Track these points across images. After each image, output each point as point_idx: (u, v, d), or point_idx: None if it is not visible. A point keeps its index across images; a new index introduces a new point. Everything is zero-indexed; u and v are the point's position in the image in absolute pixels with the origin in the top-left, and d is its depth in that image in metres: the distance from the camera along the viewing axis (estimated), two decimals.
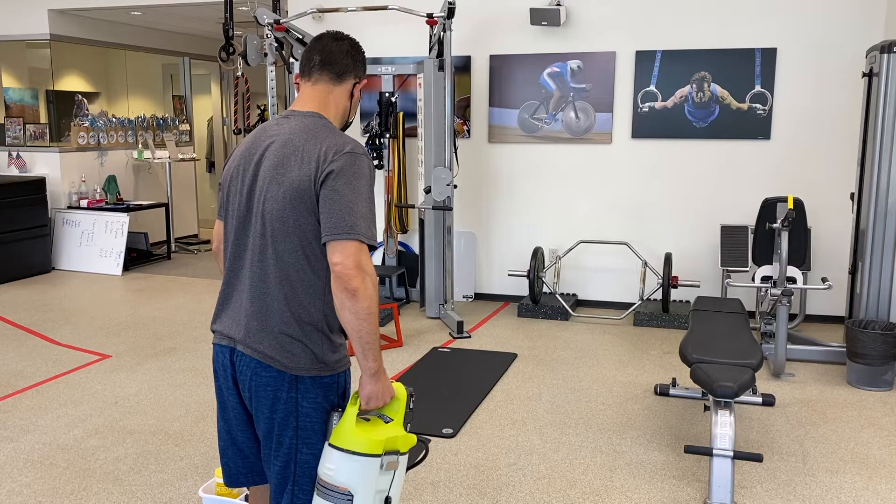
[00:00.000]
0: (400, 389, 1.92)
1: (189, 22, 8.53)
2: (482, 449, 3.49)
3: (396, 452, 1.86)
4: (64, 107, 7.99)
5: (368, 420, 1.89)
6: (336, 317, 1.87)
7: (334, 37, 2.00)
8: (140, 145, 8.53)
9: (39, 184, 7.40)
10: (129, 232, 7.51)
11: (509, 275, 5.91)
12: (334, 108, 1.96)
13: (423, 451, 2.07)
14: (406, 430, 1.92)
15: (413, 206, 6.05)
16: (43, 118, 7.92)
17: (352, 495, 1.80)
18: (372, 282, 1.76)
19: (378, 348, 1.81)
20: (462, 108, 6.21)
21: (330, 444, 1.85)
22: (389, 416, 1.90)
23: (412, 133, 6.21)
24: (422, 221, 5.83)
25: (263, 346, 1.85)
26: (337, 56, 1.96)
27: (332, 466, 1.82)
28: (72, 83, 8.13)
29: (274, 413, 1.87)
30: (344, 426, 1.84)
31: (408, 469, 2.01)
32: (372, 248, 1.80)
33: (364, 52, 2.05)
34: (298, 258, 1.83)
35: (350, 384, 1.96)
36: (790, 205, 4.47)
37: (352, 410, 1.85)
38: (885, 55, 4.37)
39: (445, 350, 4.98)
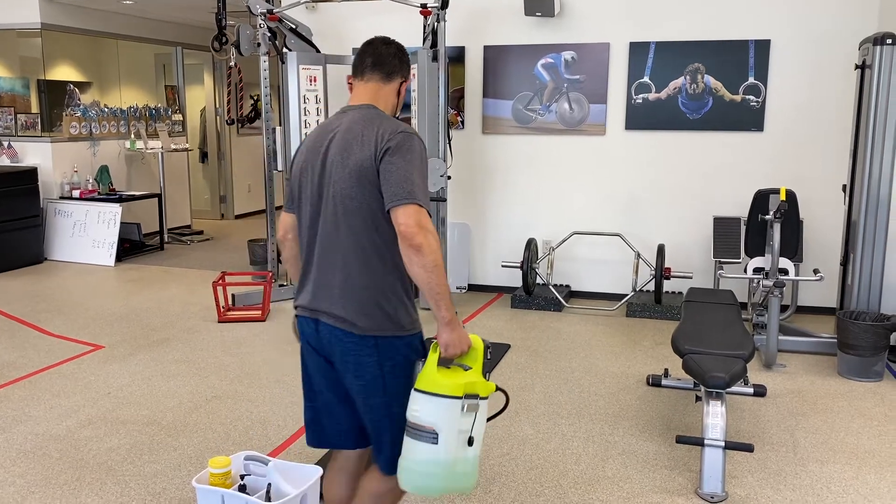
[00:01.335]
0: (477, 341, 2.09)
1: (181, 11, 8.48)
2: None
3: (476, 396, 2.02)
4: (55, 96, 7.94)
5: (449, 368, 2.06)
6: (407, 281, 2.08)
7: (383, 41, 2.22)
8: (132, 135, 8.49)
9: (31, 174, 7.36)
10: (121, 222, 7.48)
11: (503, 266, 5.92)
12: (384, 103, 2.19)
13: (505, 401, 2.29)
14: (485, 378, 2.08)
15: None
16: (34, 108, 7.87)
17: (436, 433, 1.99)
18: (434, 239, 1.96)
19: (449, 299, 2.00)
20: (456, 99, 6.20)
21: (415, 389, 2.04)
22: (468, 364, 2.07)
23: None
24: None
25: (345, 312, 2.05)
26: (386, 58, 2.19)
27: (418, 408, 2.01)
28: (63, 73, 8.08)
29: (359, 377, 2.07)
30: (426, 372, 2.03)
31: (492, 417, 2.23)
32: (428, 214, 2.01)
33: (408, 54, 2.26)
34: (368, 229, 2.04)
35: (423, 343, 2.15)
36: (783, 196, 4.48)
37: (433, 357, 2.04)
38: (878, 47, 4.37)
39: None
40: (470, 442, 2.04)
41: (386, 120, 2.09)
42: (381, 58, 2.18)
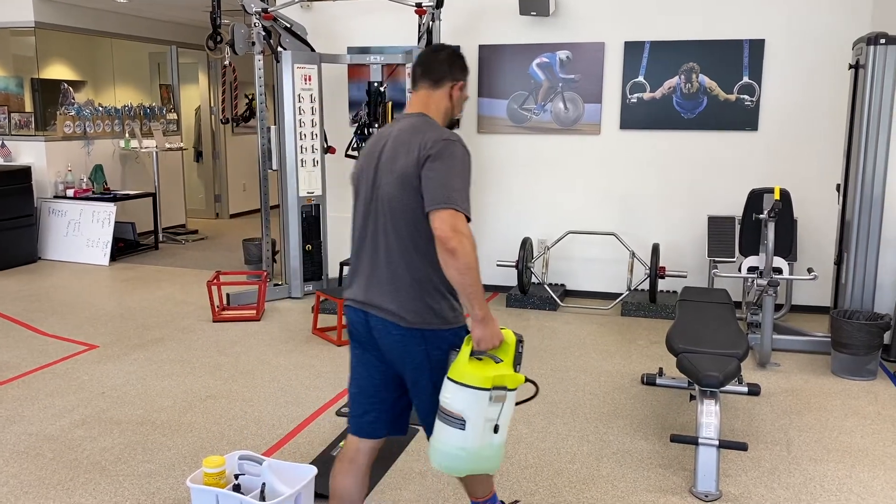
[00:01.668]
0: (509, 335, 2.21)
1: (176, 10, 8.46)
2: None
3: (504, 388, 2.14)
4: (49, 95, 7.92)
5: (481, 360, 2.17)
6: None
7: (434, 49, 2.36)
8: (127, 134, 8.47)
9: (25, 173, 7.34)
10: (116, 222, 7.47)
11: (498, 265, 5.92)
12: (435, 109, 2.31)
13: (535, 390, 2.47)
14: (516, 370, 2.19)
15: None
16: (28, 107, 7.85)
17: (464, 420, 2.13)
18: (469, 241, 2.07)
19: (482, 298, 2.11)
20: None
21: (447, 378, 2.17)
22: (500, 357, 2.18)
23: None
24: None
25: (394, 306, 2.21)
26: (434, 65, 2.31)
27: (449, 396, 2.15)
28: (57, 71, 8.06)
29: (406, 364, 2.24)
30: (459, 363, 2.16)
31: (520, 403, 2.36)
32: (468, 219, 2.11)
33: (463, 58, 2.37)
34: (412, 231, 2.18)
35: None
36: (777, 196, 4.49)
37: (465, 350, 2.16)
38: (872, 47, 4.39)
39: None
40: (496, 430, 2.18)
41: (431, 128, 2.21)
42: (428, 66, 2.31)
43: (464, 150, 2.17)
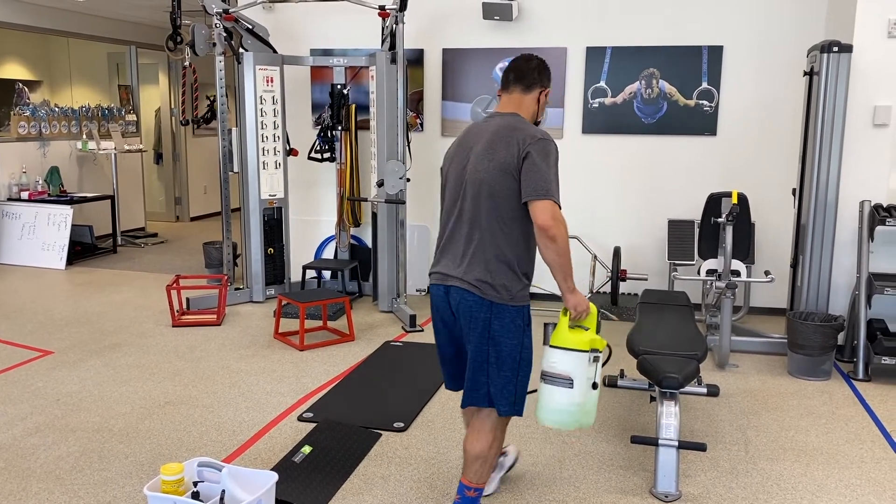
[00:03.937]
0: (592, 307, 2.57)
1: (135, 9, 8.33)
2: (433, 442, 3.50)
3: (597, 350, 2.56)
4: (3, 95, 7.73)
5: (573, 329, 2.57)
6: (524, 258, 2.54)
7: (525, 58, 2.64)
8: (84, 136, 8.31)
9: None
10: (73, 225, 7.32)
11: None
12: (525, 111, 2.61)
13: (609, 352, 3.02)
14: (598, 335, 2.59)
15: (365, 200, 6.02)
16: None
17: (572, 380, 2.53)
18: (565, 229, 2.42)
19: (571, 273, 2.48)
20: (415, 102, 6.19)
21: (551, 346, 2.56)
22: (585, 325, 2.58)
23: (365, 126, 6.17)
24: (374, 215, 5.80)
25: (470, 278, 2.51)
26: (526, 72, 2.61)
27: (555, 360, 2.55)
28: (11, 71, 7.88)
29: (472, 328, 2.54)
30: (560, 332, 2.57)
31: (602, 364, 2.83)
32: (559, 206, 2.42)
33: (549, 67, 2.68)
34: (501, 214, 2.49)
35: (531, 315, 2.61)
36: (734, 200, 4.57)
37: (564, 320, 2.56)
38: (825, 55, 4.49)
39: (398, 344, 4.97)
40: (594, 386, 2.58)
41: (528, 127, 2.52)
42: (521, 73, 2.60)
43: (555, 147, 2.49)
